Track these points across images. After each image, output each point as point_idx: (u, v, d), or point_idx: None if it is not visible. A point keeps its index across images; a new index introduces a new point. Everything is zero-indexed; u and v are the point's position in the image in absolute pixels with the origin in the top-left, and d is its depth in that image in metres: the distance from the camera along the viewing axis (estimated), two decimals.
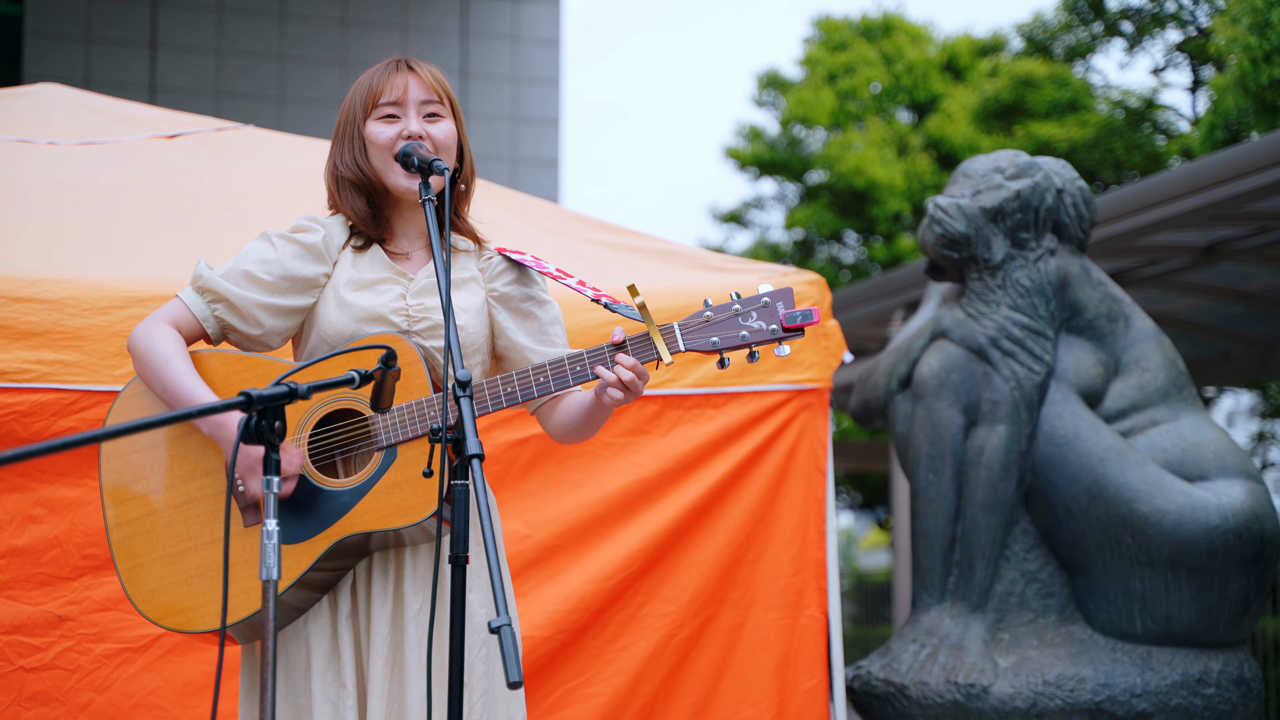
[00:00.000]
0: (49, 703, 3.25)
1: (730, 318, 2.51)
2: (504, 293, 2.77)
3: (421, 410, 2.54)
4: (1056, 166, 4.47)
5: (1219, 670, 4.13)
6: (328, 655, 2.61)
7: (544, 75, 12.56)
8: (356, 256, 2.72)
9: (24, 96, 4.43)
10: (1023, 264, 4.34)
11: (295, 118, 11.28)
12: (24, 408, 3.23)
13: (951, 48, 17.35)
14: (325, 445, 2.63)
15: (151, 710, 3.32)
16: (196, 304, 2.66)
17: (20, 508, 3.26)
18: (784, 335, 2.51)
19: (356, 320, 2.64)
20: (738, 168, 18.10)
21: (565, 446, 3.73)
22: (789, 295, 2.52)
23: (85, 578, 3.28)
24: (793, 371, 4.01)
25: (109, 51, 11.24)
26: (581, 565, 3.78)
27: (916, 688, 4.15)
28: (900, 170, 15.98)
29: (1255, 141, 6.60)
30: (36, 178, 3.82)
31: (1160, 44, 12.76)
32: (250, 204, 3.91)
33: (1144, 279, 8.16)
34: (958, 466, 4.34)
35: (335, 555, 2.57)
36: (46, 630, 3.25)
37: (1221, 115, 9.20)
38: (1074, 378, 4.33)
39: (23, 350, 3.25)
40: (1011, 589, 4.28)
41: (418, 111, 2.68)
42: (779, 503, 3.98)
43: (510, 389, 2.56)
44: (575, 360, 2.54)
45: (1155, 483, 4.14)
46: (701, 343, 2.52)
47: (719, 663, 3.91)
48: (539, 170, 12.41)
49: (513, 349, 2.75)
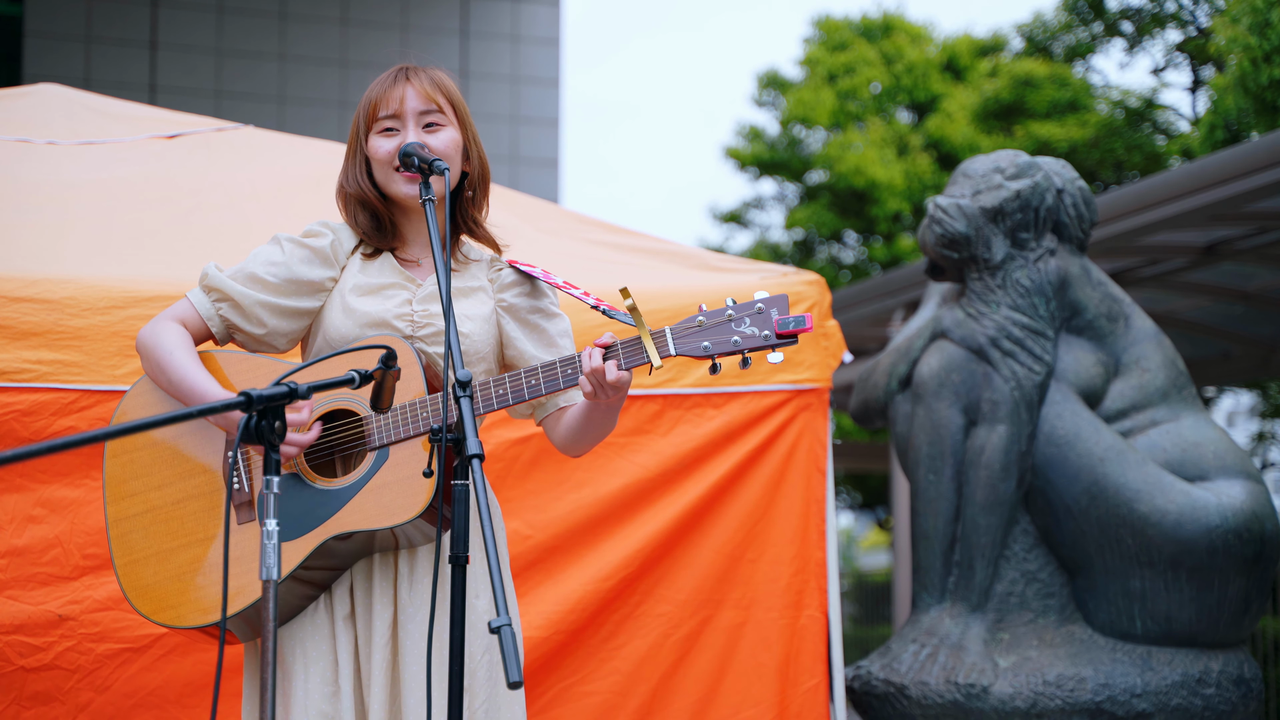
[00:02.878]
0: (49, 702, 3.25)
1: (723, 323, 2.49)
2: (513, 303, 2.77)
3: (414, 411, 2.55)
4: (1056, 166, 4.47)
5: (1219, 670, 4.13)
6: (325, 657, 2.62)
7: (544, 75, 12.57)
8: (365, 262, 2.74)
9: (24, 97, 4.43)
10: (1023, 264, 4.34)
11: (295, 118, 11.28)
12: (24, 407, 3.23)
13: (951, 48, 17.34)
14: (320, 445, 2.64)
15: (152, 710, 3.32)
16: (202, 303, 2.69)
17: (20, 508, 3.26)
18: (777, 342, 2.47)
19: (360, 325, 2.65)
20: (738, 168, 18.09)
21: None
22: (783, 302, 2.50)
23: (86, 577, 3.28)
24: (793, 371, 4.01)
25: (109, 51, 11.24)
26: (581, 566, 3.78)
27: (916, 688, 4.15)
28: (900, 170, 15.98)
29: (1255, 141, 6.60)
30: (36, 177, 3.82)
31: (1160, 44, 12.76)
32: (250, 204, 3.92)
33: (1144, 279, 8.16)
34: (958, 466, 4.34)
35: (327, 554, 2.58)
36: (47, 630, 3.25)
37: (1221, 115, 9.20)
38: (1074, 378, 4.33)
39: (22, 350, 3.25)
40: (1011, 589, 4.28)
41: (416, 123, 2.68)
42: (779, 503, 3.98)
43: (502, 391, 2.56)
44: (566, 363, 2.54)
45: (1155, 483, 4.14)
46: (692, 347, 2.49)
47: (719, 662, 3.90)
48: (539, 170, 12.41)
49: (520, 359, 2.75)
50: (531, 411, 2.80)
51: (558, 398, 2.75)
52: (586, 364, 2.48)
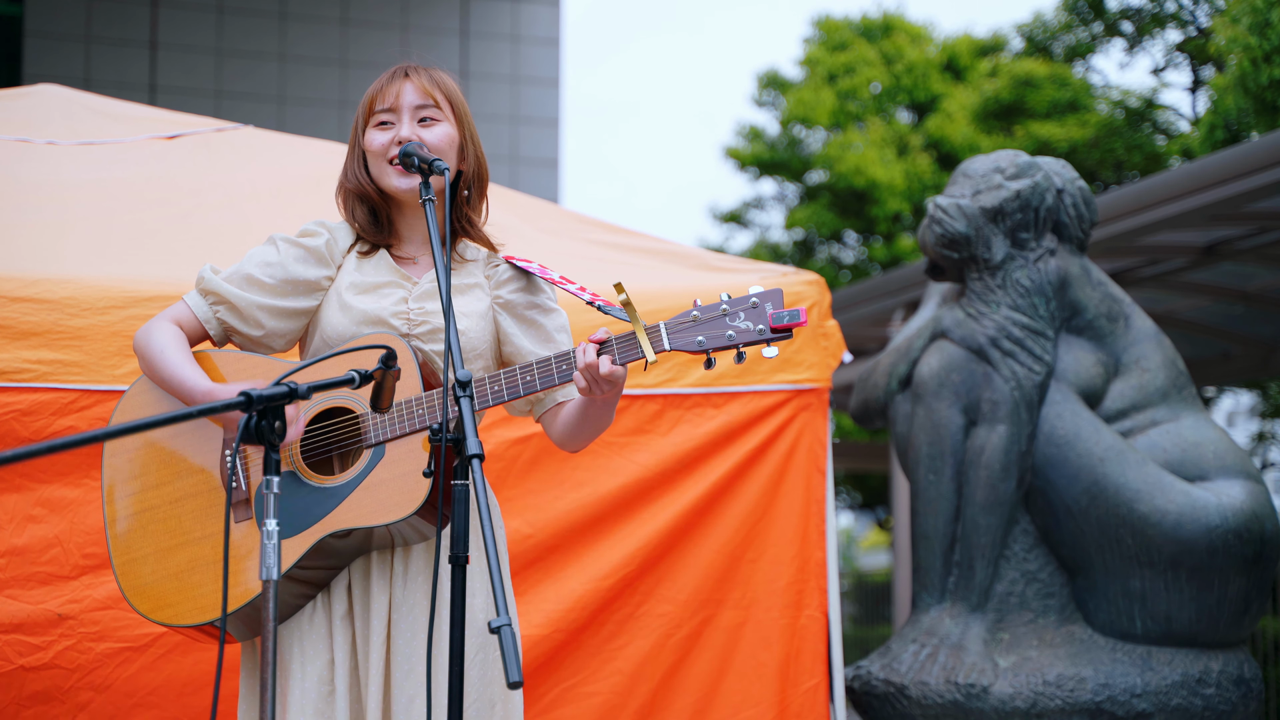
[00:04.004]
0: (49, 702, 3.25)
1: (717, 318, 2.48)
2: (509, 300, 2.77)
3: (410, 409, 2.55)
4: (1056, 166, 4.47)
5: (1219, 670, 4.13)
6: (322, 656, 2.61)
7: (544, 75, 12.57)
8: (361, 260, 2.74)
9: (23, 97, 4.43)
10: (1023, 264, 4.34)
11: (295, 118, 11.28)
12: (24, 406, 3.24)
13: (951, 48, 17.34)
14: (317, 443, 2.65)
15: (152, 710, 3.32)
16: (199, 306, 2.70)
17: (20, 507, 3.26)
18: (771, 336, 2.46)
19: (357, 323, 2.65)
20: (738, 168, 18.09)
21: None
22: (778, 296, 2.49)
23: (86, 576, 3.28)
24: (792, 371, 4.01)
25: (109, 51, 11.24)
26: (581, 564, 3.78)
27: (916, 688, 4.15)
28: (900, 170, 15.98)
29: (1255, 141, 6.60)
30: (36, 178, 3.82)
31: (1160, 44, 12.76)
32: (250, 204, 3.91)
33: (1144, 279, 8.16)
34: (958, 466, 4.34)
35: (324, 552, 2.58)
36: (47, 629, 3.25)
37: (1221, 115, 9.20)
38: (1074, 378, 4.33)
39: (22, 350, 3.25)
40: (1011, 589, 4.28)
41: (411, 116, 2.69)
42: (779, 503, 3.98)
43: (498, 387, 2.56)
44: (561, 359, 2.54)
45: (1155, 483, 4.14)
46: (687, 342, 2.49)
47: (719, 662, 3.90)
48: (539, 170, 12.41)
49: (517, 355, 2.75)
50: (530, 408, 2.79)
51: (555, 393, 2.75)
52: (581, 359, 2.47)
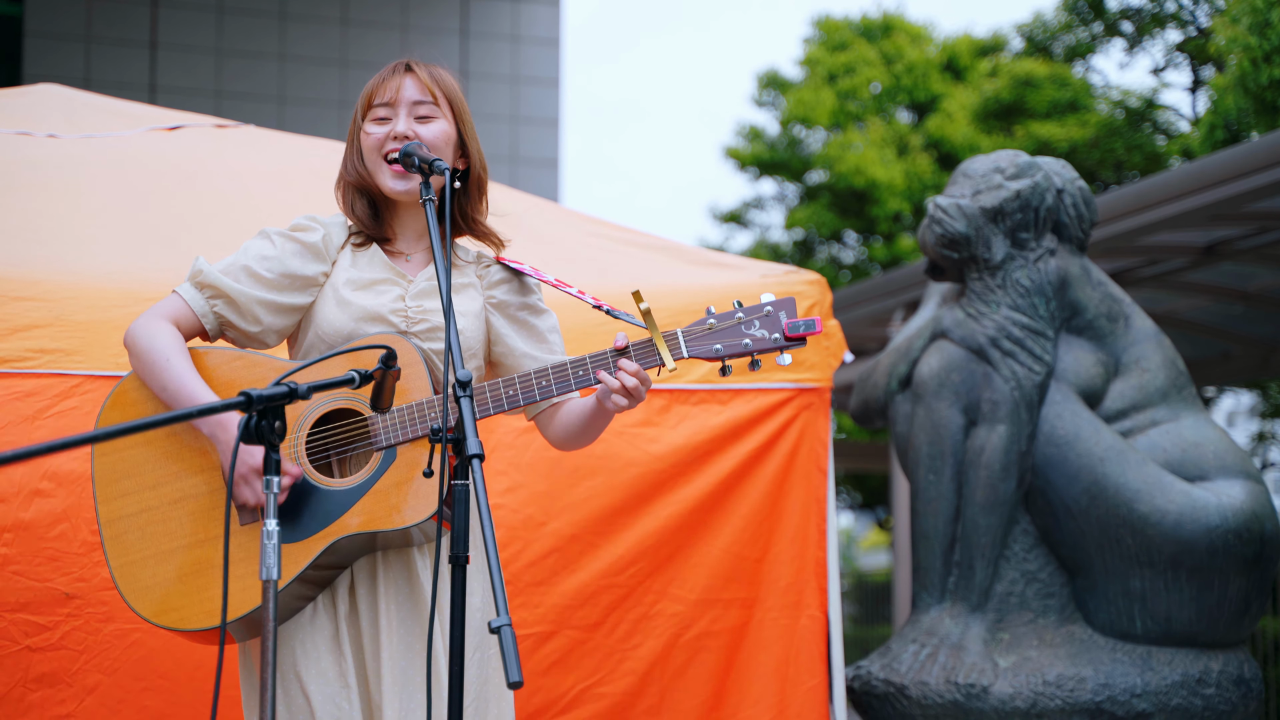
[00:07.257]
0: (56, 684, 3.16)
1: (733, 325, 2.55)
2: (501, 300, 2.77)
3: (422, 411, 2.54)
4: (1056, 166, 4.47)
5: (1219, 670, 4.13)
6: (329, 656, 2.60)
7: (544, 75, 12.57)
8: (356, 256, 2.72)
9: (24, 96, 4.43)
10: (1023, 264, 4.34)
11: (295, 118, 11.28)
12: (26, 389, 3.20)
13: (951, 48, 17.34)
14: (323, 445, 2.63)
15: (160, 694, 3.23)
16: (195, 299, 2.66)
17: (26, 480, 3.17)
18: (786, 344, 2.54)
19: (355, 319, 2.64)
20: (738, 168, 18.10)
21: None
22: (792, 305, 2.55)
23: (95, 553, 3.17)
24: (794, 371, 4.02)
25: (109, 51, 11.24)
26: (591, 558, 3.77)
27: (916, 688, 4.15)
28: (900, 170, 15.98)
29: (1255, 141, 6.59)
30: (37, 171, 3.82)
31: (1160, 44, 12.76)
32: (250, 204, 3.91)
33: (1144, 279, 8.15)
34: (958, 466, 4.34)
35: (333, 555, 2.56)
36: (54, 608, 3.15)
37: (1221, 115, 9.20)
38: (1074, 378, 4.33)
39: (24, 340, 3.23)
40: (1011, 589, 4.28)
41: (408, 112, 2.68)
42: (780, 502, 3.98)
43: (512, 392, 2.56)
44: (578, 365, 2.55)
45: (1155, 483, 4.14)
46: (705, 350, 2.55)
47: (721, 662, 3.90)
48: (539, 170, 12.41)
49: (509, 355, 2.75)
50: (524, 407, 2.79)
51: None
52: (614, 382, 2.52)
